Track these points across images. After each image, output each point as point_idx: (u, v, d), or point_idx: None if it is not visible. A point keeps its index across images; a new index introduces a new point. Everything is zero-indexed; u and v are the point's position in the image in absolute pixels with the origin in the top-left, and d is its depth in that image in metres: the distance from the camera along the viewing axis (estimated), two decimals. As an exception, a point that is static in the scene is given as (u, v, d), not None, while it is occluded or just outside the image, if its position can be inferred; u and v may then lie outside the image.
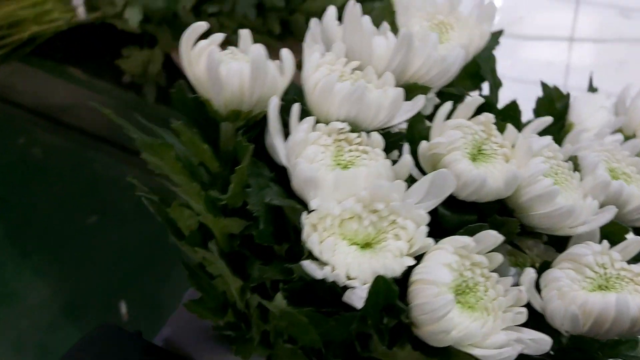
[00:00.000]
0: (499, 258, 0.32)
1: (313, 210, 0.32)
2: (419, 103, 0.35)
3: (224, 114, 0.35)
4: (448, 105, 0.35)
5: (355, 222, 0.32)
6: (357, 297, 0.31)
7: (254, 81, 0.34)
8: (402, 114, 0.35)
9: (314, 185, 0.32)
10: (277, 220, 0.36)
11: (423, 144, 0.34)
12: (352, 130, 0.34)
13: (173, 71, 0.77)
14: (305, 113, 0.35)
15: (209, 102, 0.35)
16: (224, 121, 0.36)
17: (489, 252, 0.32)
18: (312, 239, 0.31)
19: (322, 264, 0.32)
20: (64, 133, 0.88)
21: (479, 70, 0.42)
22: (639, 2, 0.95)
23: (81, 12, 0.72)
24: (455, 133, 0.34)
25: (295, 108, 0.34)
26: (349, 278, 0.31)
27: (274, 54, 0.67)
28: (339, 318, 0.32)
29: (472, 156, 0.34)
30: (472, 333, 0.30)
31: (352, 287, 0.31)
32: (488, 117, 0.35)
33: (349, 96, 0.34)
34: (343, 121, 0.34)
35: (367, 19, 0.36)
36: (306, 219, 0.32)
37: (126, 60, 0.76)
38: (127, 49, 0.76)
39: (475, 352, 0.30)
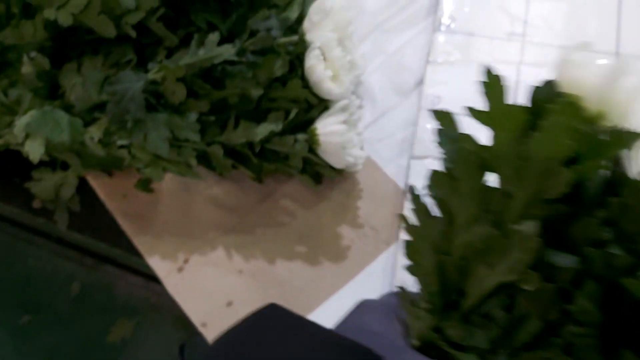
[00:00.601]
0: None
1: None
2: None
3: (590, 115, 0.40)
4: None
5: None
6: None
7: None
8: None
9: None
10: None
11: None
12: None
13: (88, 195, 0.71)
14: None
15: (580, 100, 0.39)
16: (588, 121, 0.39)
17: None
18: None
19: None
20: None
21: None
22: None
23: (-17, 139, 0.67)
24: None
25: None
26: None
27: (192, 185, 0.69)
28: None
29: None
30: None
31: None
32: None
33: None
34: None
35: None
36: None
37: (37, 183, 0.68)
38: (37, 171, 0.68)
39: None
